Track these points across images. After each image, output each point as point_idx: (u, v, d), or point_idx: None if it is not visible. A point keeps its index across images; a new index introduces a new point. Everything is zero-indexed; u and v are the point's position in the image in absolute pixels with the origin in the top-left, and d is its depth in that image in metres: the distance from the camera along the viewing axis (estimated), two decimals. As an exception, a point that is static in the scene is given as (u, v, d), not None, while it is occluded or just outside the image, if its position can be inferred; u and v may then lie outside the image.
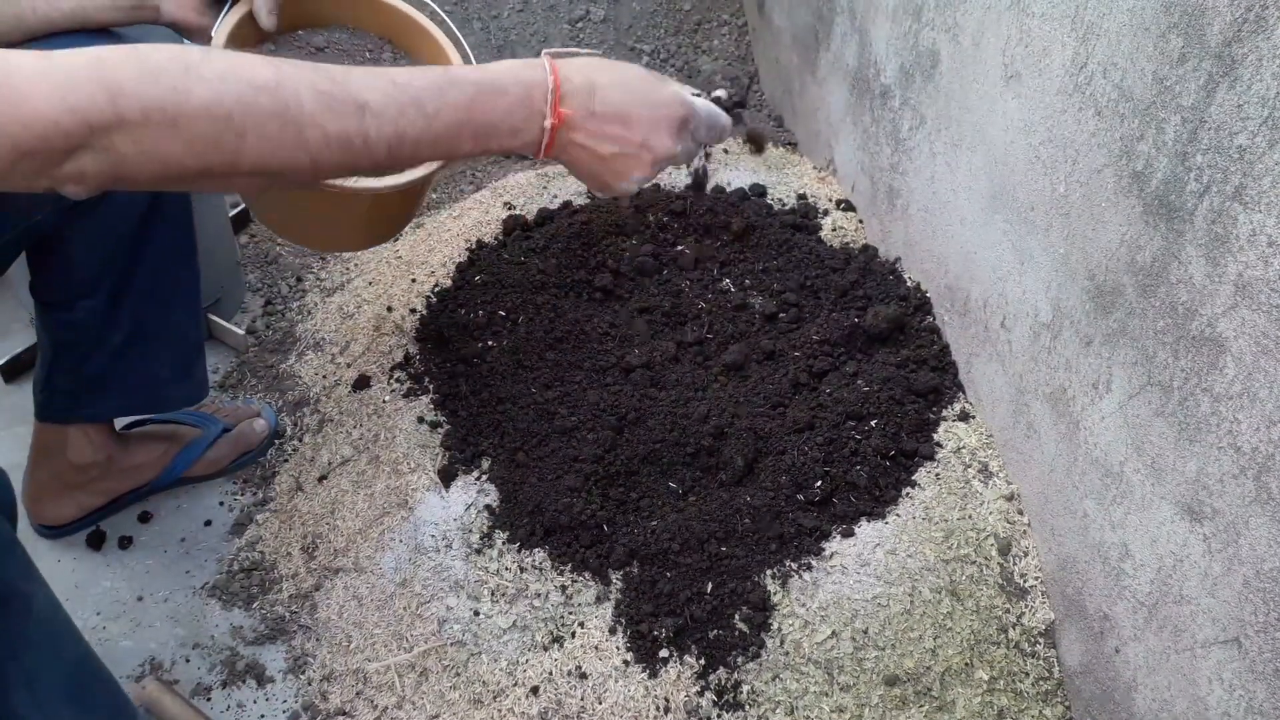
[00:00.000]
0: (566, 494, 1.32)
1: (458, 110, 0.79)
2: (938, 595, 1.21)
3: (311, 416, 1.53)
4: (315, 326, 1.68)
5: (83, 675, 0.90)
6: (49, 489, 1.34)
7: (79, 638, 0.91)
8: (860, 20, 1.67)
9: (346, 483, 1.43)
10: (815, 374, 1.45)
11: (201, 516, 1.43)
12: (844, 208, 1.82)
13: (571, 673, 1.20)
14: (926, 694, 1.15)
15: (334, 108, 0.73)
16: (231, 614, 1.31)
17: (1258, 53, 0.79)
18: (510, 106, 0.82)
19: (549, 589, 1.27)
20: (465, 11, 2.22)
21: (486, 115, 0.81)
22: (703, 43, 2.31)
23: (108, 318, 1.18)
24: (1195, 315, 0.90)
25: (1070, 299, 1.13)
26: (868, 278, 1.60)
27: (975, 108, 1.31)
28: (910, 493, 1.32)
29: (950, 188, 1.41)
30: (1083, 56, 1.05)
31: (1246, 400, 0.84)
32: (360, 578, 1.32)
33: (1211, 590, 0.90)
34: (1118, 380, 1.04)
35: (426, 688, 1.20)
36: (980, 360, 1.38)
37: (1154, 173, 0.95)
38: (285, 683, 1.24)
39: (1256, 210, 0.81)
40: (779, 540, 1.27)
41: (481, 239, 1.76)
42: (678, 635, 1.21)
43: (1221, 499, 0.88)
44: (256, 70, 0.70)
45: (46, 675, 0.84)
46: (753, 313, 1.57)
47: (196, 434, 1.44)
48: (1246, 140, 0.82)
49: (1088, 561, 1.13)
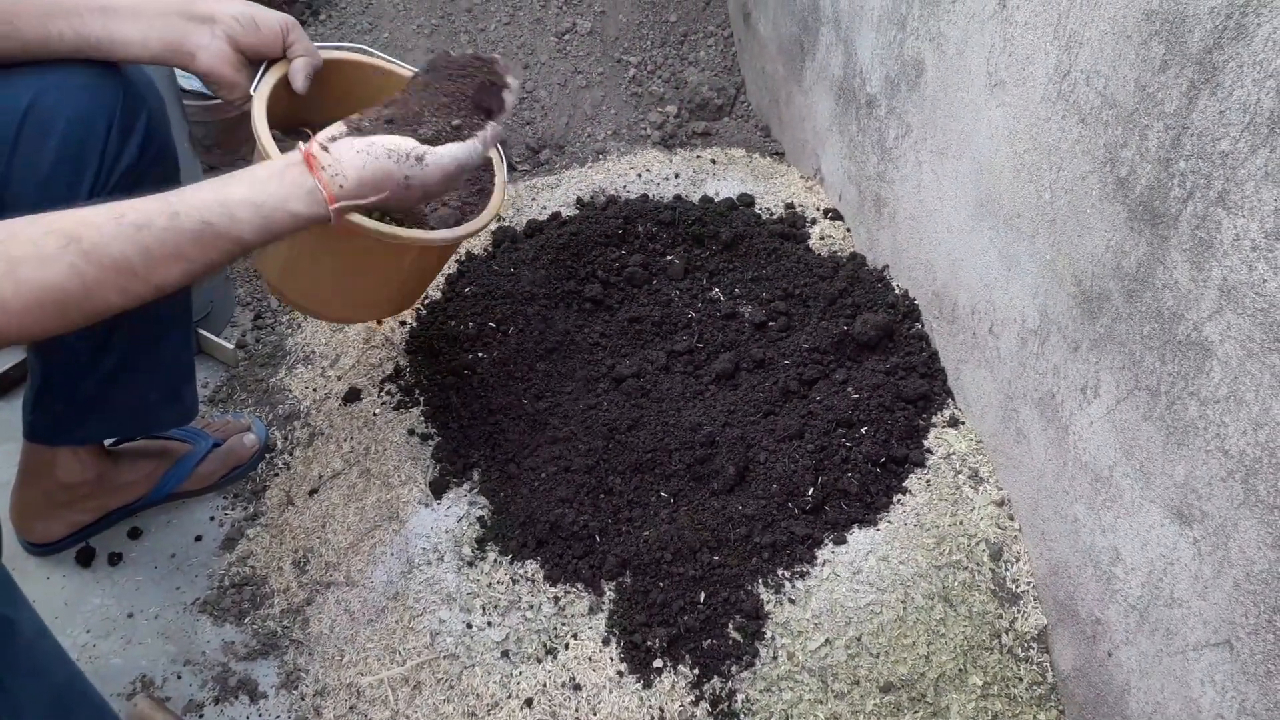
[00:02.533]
0: (558, 505, 1.32)
1: (259, 228, 0.83)
2: (930, 601, 1.21)
3: (302, 430, 1.53)
4: (305, 340, 1.68)
5: (69, 699, 0.88)
6: (37, 507, 1.33)
7: (66, 660, 0.89)
8: (845, 30, 1.68)
9: (337, 496, 1.42)
10: (805, 382, 1.46)
11: (192, 532, 1.42)
12: (831, 216, 1.83)
13: (565, 684, 1.20)
14: (921, 700, 1.15)
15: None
16: (223, 630, 1.30)
17: (1238, 59, 0.80)
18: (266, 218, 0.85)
19: (541, 600, 1.27)
20: (452, 25, 2.23)
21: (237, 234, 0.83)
22: (689, 54, 2.32)
23: (99, 345, 1.17)
24: (1181, 320, 0.91)
25: (1057, 305, 1.13)
26: (856, 286, 1.61)
27: (960, 116, 1.32)
28: (901, 499, 1.33)
29: (936, 195, 1.42)
30: (1066, 64, 1.06)
31: (1233, 404, 0.85)
32: (352, 591, 1.31)
33: (1202, 593, 0.91)
34: (1105, 385, 1.05)
35: (420, 701, 1.20)
36: (969, 366, 1.39)
37: (1138, 179, 0.96)
38: (278, 698, 1.23)
39: (1240, 215, 0.82)
40: (771, 548, 1.27)
41: (471, 250, 1.76)
42: (671, 645, 1.21)
43: (1210, 502, 0.89)
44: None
45: (32, 701, 0.83)
46: (742, 322, 1.57)
47: (187, 450, 1.43)
48: (1229, 146, 0.82)
49: (1079, 566, 1.13)
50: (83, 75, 1.01)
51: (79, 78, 1.01)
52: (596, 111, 2.20)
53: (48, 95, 0.98)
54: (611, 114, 2.20)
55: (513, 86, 1.07)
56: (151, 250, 0.76)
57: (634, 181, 1.95)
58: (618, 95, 2.23)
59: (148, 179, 1.10)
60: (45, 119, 0.98)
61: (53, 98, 0.98)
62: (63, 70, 1.00)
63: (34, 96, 0.98)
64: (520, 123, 2.16)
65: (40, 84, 0.98)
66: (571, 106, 2.20)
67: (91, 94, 1.01)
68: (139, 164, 1.06)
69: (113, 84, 1.03)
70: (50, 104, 0.98)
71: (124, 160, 1.04)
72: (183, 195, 0.79)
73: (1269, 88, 0.77)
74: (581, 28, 2.28)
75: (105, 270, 0.73)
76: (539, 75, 2.22)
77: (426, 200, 0.96)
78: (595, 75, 2.24)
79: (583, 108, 2.20)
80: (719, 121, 2.23)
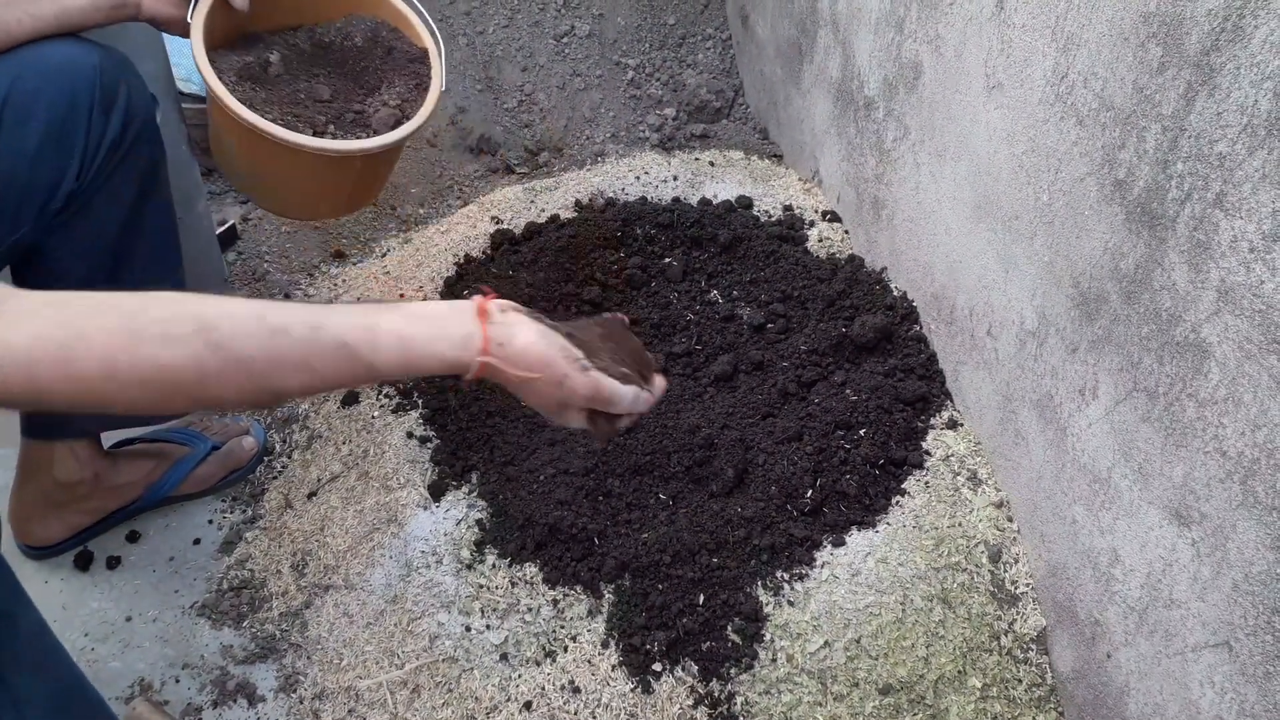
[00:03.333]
0: (557, 507, 1.32)
1: (397, 361, 0.78)
2: (929, 603, 1.21)
3: (300, 433, 1.53)
4: (303, 343, 1.68)
5: (70, 698, 0.89)
6: (36, 508, 1.33)
7: (67, 659, 0.90)
8: (843, 33, 1.69)
9: (336, 499, 1.42)
10: (804, 384, 1.46)
11: (190, 535, 1.42)
12: (830, 219, 1.83)
13: (564, 687, 1.20)
14: (920, 702, 1.15)
15: (285, 362, 0.72)
16: (221, 633, 1.30)
17: (1236, 61, 0.80)
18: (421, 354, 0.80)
19: (540, 603, 1.27)
20: (450, 28, 2.23)
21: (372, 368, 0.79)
22: (687, 56, 2.32)
23: None
24: (1179, 321, 0.91)
25: (1055, 306, 1.13)
26: (854, 288, 1.61)
27: (958, 118, 1.32)
28: (900, 501, 1.33)
29: (935, 197, 1.42)
30: (1064, 66, 1.06)
31: (1231, 405, 0.85)
32: (351, 594, 1.31)
33: (1201, 594, 0.91)
34: (1104, 386, 1.05)
35: (419, 704, 1.19)
36: (967, 368, 1.39)
37: (1136, 181, 0.96)
38: (276, 701, 1.23)
39: (1237, 217, 0.82)
40: (770, 550, 1.27)
41: (469, 253, 1.76)
42: (670, 648, 1.21)
43: (1209, 503, 0.89)
44: (202, 337, 0.69)
45: (33, 698, 0.83)
46: (741, 324, 1.58)
47: (185, 452, 1.43)
48: (1226, 148, 0.83)
49: (1078, 567, 1.13)
50: (58, 56, 1.05)
51: (54, 59, 1.05)
52: (595, 114, 2.20)
53: (25, 81, 1.01)
54: (610, 116, 2.20)
55: (658, 388, 0.96)
56: (281, 357, 0.73)
57: (632, 184, 1.95)
58: (616, 98, 2.23)
59: (135, 161, 1.12)
60: (25, 103, 1.01)
61: (31, 83, 1.01)
62: (34, 53, 1.03)
63: (10, 83, 1.00)
64: (518, 125, 2.16)
65: (16, 70, 1.01)
66: (570, 109, 2.20)
67: (67, 75, 1.04)
68: (122, 141, 1.09)
69: (88, 63, 1.07)
70: (29, 89, 1.01)
71: (108, 136, 1.07)
72: (330, 311, 0.76)
73: (1266, 89, 0.77)
74: (580, 30, 2.28)
75: (228, 365, 0.70)
76: (537, 78, 2.22)
77: (558, 409, 0.88)
78: (594, 78, 2.24)
79: (581, 110, 2.20)
80: (717, 124, 2.23)
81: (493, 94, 2.20)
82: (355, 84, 1.36)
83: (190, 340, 0.69)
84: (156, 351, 0.68)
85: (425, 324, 0.79)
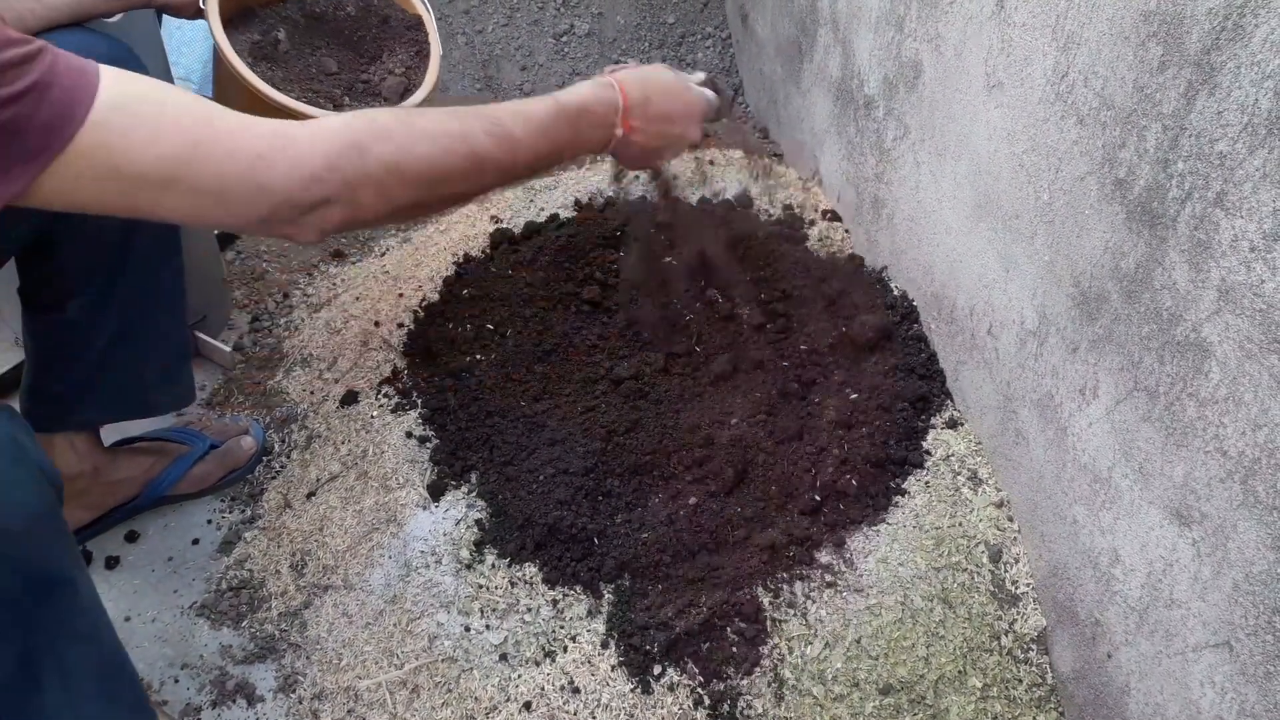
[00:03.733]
0: (556, 507, 1.32)
1: (565, 133, 1.00)
2: (930, 603, 1.21)
3: (299, 433, 1.52)
4: (302, 342, 1.67)
5: (114, 668, 0.90)
6: (34, 506, 1.33)
7: (113, 633, 0.91)
8: (843, 32, 1.68)
9: (335, 499, 1.42)
10: (804, 383, 1.46)
11: (189, 535, 1.42)
12: (830, 218, 1.83)
13: (564, 688, 1.19)
14: (920, 702, 1.15)
15: (500, 146, 0.92)
16: (220, 633, 1.30)
17: (1236, 60, 0.80)
18: (594, 124, 1.05)
19: (540, 603, 1.27)
20: (450, 27, 2.23)
21: (579, 135, 1.03)
22: (687, 55, 2.32)
23: (96, 317, 1.20)
24: (1180, 320, 0.91)
25: (1056, 306, 1.13)
26: (854, 287, 1.61)
27: (958, 117, 1.32)
28: (900, 501, 1.32)
29: (935, 197, 1.42)
30: (1064, 65, 1.06)
31: (1232, 404, 0.85)
32: (350, 594, 1.31)
33: (1202, 594, 0.90)
34: (1104, 386, 1.05)
35: (418, 705, 1.19)
36: (968, 368, 1.39)
37: (1136, 180, 0.95)
38: (276, 702, 1.23)
39: (1238, 216, 0.82)
40: (770, 550, 1.27)
41: (468, 253, 1.76)
42: (670, 648, 1.21)
43: (1210, 503, 0.89)
44: (449, 125, 0.89)
45: (82, 668, 0.84)
46: (741, 323, 1.57)
47: (184, 450, 1.43)
48: (1227, 147, 0.82)
49: (1078, 567, 1.13)
50: (69, 46, 1.04)
51: (64, 49, 1.04)
52: (594, 113, 2.20)
53: None
54: (609, 115, 2.19)
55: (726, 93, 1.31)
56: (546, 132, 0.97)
57: (632, 183, 1.95)
58: (616, 97, 2.22)
59: None
60: None
61: None
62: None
63: None
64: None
65: None
66: (569, 108, 2.19)
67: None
68: None
69: (96, 54, 1.06)
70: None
71: None
72: (528, 101, 0.99)
73: (1267, 89, 0.77)
74: (579, 29, 2.28)
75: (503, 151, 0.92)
76: (537, 77, 2.22)
77: (671, 126, 1.14)
78: (593, 77, 2.24)
79: (581, 109, 2.20)
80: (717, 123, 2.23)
81: (492, 93, 2.20)
82: (356, 54, 1.36)
83: (511, 150, 0.93)
84: (505, 158, 0.93)
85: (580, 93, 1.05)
